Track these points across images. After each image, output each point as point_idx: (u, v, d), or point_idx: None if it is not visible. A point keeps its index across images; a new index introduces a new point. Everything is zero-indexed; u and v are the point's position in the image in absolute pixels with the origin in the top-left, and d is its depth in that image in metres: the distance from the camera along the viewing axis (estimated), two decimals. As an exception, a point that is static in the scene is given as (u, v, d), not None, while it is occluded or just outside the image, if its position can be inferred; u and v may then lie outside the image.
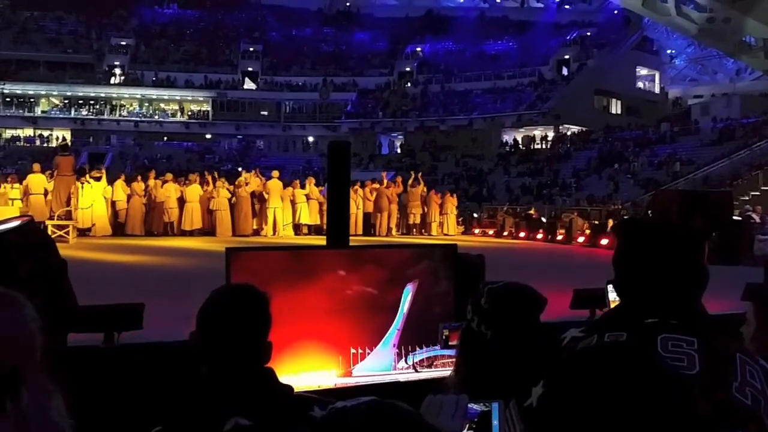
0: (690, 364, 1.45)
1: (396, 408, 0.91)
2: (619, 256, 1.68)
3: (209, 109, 55.49)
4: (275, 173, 20.36)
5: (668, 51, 55.18)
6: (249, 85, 57.56)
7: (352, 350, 3.03)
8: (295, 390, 2.88)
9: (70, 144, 38.37)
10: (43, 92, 53.92)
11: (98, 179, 18.11)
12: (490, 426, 1.28)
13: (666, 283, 1.58)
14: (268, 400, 1.75)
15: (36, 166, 18.08)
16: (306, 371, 2.96)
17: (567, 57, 52.49)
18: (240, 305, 1.88)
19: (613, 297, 2.78)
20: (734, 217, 17.23)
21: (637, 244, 1.66)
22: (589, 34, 53.43)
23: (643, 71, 54.04)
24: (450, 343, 2.35)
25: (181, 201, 19.00)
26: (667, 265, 1.59)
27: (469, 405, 1.26)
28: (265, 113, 55.64)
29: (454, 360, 2.17)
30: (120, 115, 54.44)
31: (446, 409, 1.18)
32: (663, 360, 0.96)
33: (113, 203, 18.47)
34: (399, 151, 52.31)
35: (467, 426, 1.25)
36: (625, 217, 19.62)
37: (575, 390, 0.92)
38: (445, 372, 2.71)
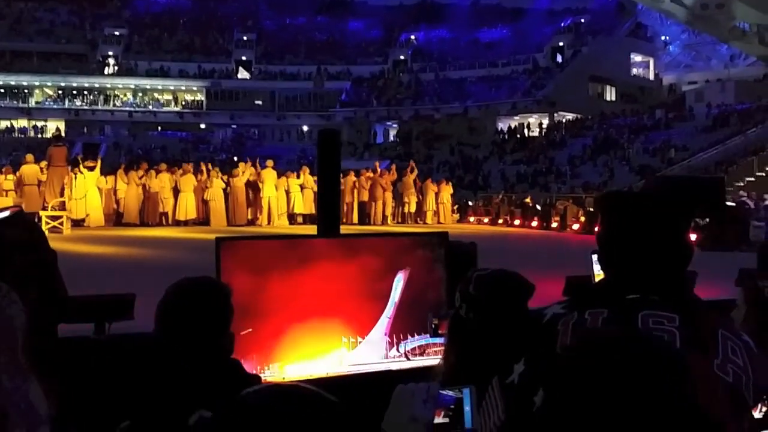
0: (671, 341, 1.43)
1: (297, 387, 0.90)
2: (601, 230, 1.65)
3: (203, 98, 55.30)
4: (269, 162, 20.30)
5: (662, 37, 55.11)
6: (243, 74, 57.35)
7: (344, 339, 3.02)
8: (287, 380, 2.88)
9: (64, 135, 38.25)
10: (36, 83, 53.70)
11: (92, 169, 18.03)
12: (462, 412, 1.28)
13: (648, 258, 1.54)
14: (235, 392, 1.75)
15: (29, 157, 18.00)
16: (297, 361, 2.95)
17: (561, 44, 52.38)
18: (198, 299, 1.87)
19: (597, 269, 2.77)
20: (728, 203, 17.25)
21: (618, 217, 1.62)
22: (583, 20, 53.32)
23: (637, 58, 53.99)
24: (439, 332, 2.34)
25: (176, 191, 18.96)
26: (648, 239, 1.55)
27: (443, 392, 1.26)
28: (260, 102, 55.47)
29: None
30: (114, 106, 54.25)
31: (417, 396, 1.18)
32: (660, 347, 0.94)
33: (114, 193, 18.49)
34: (394, 139, 52.23)
35: (443, 413, 1.25)
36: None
37: (573, 393, 0.90)
38: (437, 360, 2.71)
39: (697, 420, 0.87)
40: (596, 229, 1.70)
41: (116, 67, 55.62)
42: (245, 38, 58.71)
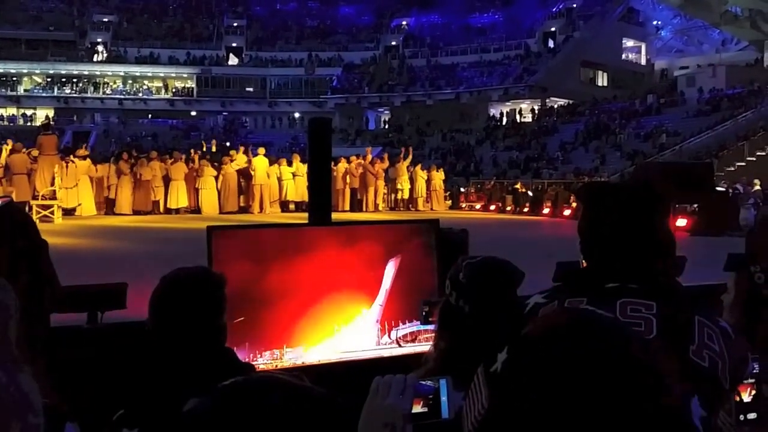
0: (647, 328, 1.46)
1: (277, 378, 0.92)
2: (581, 220, 1.69)
3: (193, 85, 54.98)
4: (261, 150, 20.26)
5: (654, 22, 55.02)
6: (233, 60, 57.03)
7: (335, 327, 3.04)
8: (280, 367, 2.90)
9: (53, 123, 38.00)
10: (25, 70, 53.22)
11: (83, 158, 17.97)
12: (439, 402, 1.30)
13: (626, 247, 1.58)
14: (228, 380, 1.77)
15: (18, 145, 17.85)
16: (289, 348, 2.96)
17: (553, 29, 52.26)
18: (192, 288, 1.88)
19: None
20: (718, 188, 17.34)
21: (597, 207, 1.66)
22: (575, 5, 53.15)
23: (629, 43, 53.94)
24: (430, 319, 2.36)
25: (167, 179, 18.89)
26: (625, 228, 1.59)
27: (422, 382, 1.29)
28: (251, 89, 55.19)
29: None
30: (104, 93, 53.87)
31: (394, 388, 1.20)
32: (634, 340, 0.96)
33: (107, 178, 18.44)
34: (386, 126, 52.11)
35: (422, 402, 1.28)
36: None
37: (540, 370, 0.92)
38: (429, 347, 2.73)
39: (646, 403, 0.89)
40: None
41: (105, 54, 55.18)
42: (235, 24, 58.31)
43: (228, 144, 34.83)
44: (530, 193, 24.09)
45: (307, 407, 0.91)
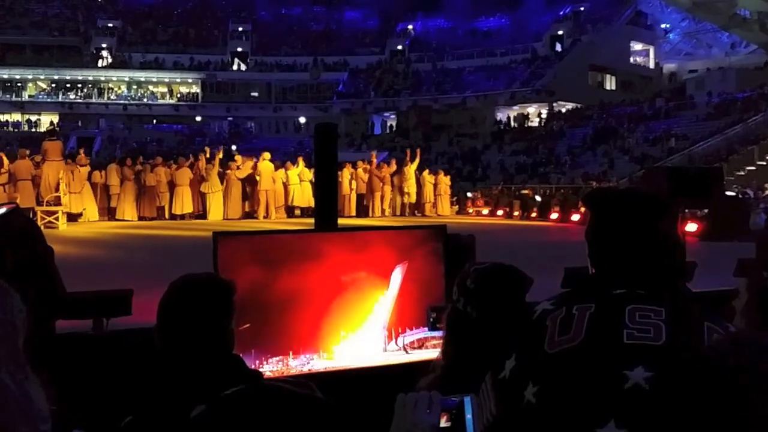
0: (657, 334, 1.45)
1: (283, 388, 0.92)
2: (588, 227, 1.70)
3: (198, 90, 55.13)
4: (267, 155, 20.24)
5: (662, 25, 54.90)
6: (238, 65, 57.19)
7: (342, 333, 3.02)
8: (286, 374, 2.88)
9: (58, 128, 38.10)
10: (29, 76, 53.47)
11: (85, 165, 18.04)
12: (464, 419, 1.29)
13: (632, 252, 1.59)
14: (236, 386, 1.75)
15: (23, 152, 17.89)
16: (295, 356, 2.94)
17: (560, 33, 52.22)
18: (201, 295, 1.86)
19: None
20: (727, 193, 17.25)
21: (602, 214, 1.68)
22: (582, 9, 53.13)
23: (637, 46, 53.81)
24: (438, 325, 2.35)
25: (172, 185, 18.90)
26: (631, 234, 1.60)
27: (445, 398, 1.28)
28: (256, 94, 55.30)
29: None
30: (108, 98, 54.06)
31: (420, 405, 1.19)
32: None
33: (107, 188, 18.44)
34: (392, 130, 52.16)
35: (446, 417, 1.27)
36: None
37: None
38: (436, 353, 2.71)
39: None
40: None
41: (110, 60, 55.40)
42: (240, 29, 58.48)
43: (234, 148, 34.93)
44: (538, 198, 24.01)
45: (310, 417, 0.90)
